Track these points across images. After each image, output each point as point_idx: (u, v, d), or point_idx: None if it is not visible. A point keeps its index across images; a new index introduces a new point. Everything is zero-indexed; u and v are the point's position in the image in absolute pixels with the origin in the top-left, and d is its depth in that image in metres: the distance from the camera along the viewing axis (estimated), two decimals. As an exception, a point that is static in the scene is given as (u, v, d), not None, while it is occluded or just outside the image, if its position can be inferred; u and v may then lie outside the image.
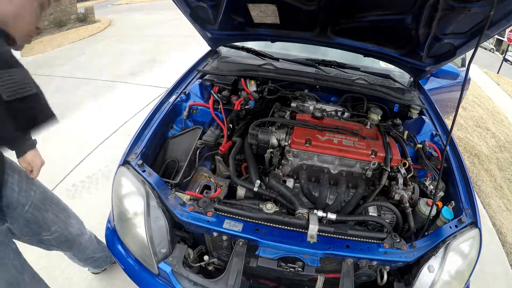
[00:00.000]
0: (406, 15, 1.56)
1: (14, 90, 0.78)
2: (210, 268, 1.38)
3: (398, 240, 1.23)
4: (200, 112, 1.80)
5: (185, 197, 1.31)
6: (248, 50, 2.24)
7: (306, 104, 1.95)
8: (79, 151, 2.99)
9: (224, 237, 1.22)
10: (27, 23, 0.95)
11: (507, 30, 12.16)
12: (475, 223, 1.29)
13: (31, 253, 2.03)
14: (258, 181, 1.38)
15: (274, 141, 1.61)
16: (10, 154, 1.22)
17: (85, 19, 10.89)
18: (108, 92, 4.84)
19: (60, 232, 1.46)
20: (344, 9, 1.65)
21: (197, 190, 1.44)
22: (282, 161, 1.58)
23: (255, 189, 1.36)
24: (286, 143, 1.58)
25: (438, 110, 2.05)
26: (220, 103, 1.83)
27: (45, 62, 6.45)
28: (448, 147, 1.57)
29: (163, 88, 4.79)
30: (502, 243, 2.78)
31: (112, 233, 1.43)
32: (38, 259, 2.03)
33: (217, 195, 1.33)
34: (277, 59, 2.20)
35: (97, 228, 1.95)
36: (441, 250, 1.21)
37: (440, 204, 1.39)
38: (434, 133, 1.82)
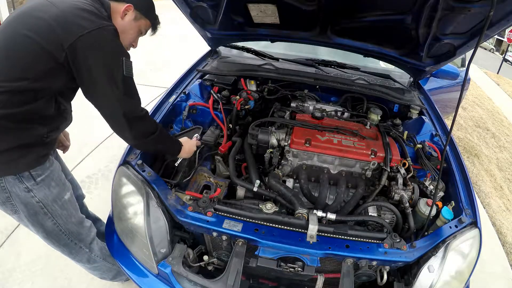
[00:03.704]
0: (406, 15, 1.56)
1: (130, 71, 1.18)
2: (209, 268, 1.38)
3: (398, 240, 1.23)
4: (200, 112, 1.80)
5: (184, 197, 1.31)
6: (248, 50, 2.24)
7: (306, 104, 1.95)
8: (78, 151, 2.97)
9: (224, 237, 1.22)
10: (128, 39, 1.30)
11: (507, 30, 12.16)
12: (475, 223, 1.29)
13: (30, 253, 2.05)
14: (258, 181, 1.38)
15: (273, 141, 1.61)
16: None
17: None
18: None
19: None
20: (344, 9, 1.65)
21: (197, 190, 1.44)
22: (282, 161, 1.58)
23: (255, 189, 1.36)
24: (286, 143, 1.58)
25: (438, 110, 2.05)
26: (220, 103, 1.83)
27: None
28: (448, 147, 1.57)
29: (163, 88, 4.79)
30: (502, 243, 2.78)
31: (111, 233, 1.43)
32: (38, 259, 2.03)
33: (216, 195, 1.33)
34: (277, 59, 2.20)
35: (97, 228, 1.94)
36: (441, 250, 1.21)
37: (440, 204, 1.39)
38: (434, 133, 1.82)
